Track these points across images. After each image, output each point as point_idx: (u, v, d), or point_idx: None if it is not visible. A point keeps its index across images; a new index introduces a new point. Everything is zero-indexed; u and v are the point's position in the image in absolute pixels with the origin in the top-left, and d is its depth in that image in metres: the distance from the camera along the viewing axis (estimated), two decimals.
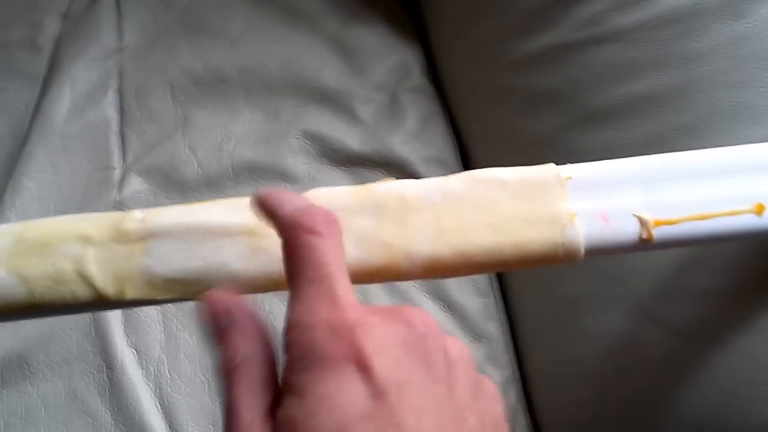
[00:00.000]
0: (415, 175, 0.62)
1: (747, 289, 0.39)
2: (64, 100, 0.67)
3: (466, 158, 0.67)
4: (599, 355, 0.47)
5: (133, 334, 0.55)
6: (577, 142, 0.49)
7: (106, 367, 0.53)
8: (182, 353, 0.54)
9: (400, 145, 0.63)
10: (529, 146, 0.54)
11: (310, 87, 0.67)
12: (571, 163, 0.31)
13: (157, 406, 0.52)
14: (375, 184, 0.30)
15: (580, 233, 0.29)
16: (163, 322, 0.56)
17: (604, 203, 0.30)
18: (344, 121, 0.65)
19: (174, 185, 0.62)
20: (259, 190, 0.25)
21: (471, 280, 0.59)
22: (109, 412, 0.52)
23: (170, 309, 0.56)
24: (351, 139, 0.64)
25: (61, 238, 0.28)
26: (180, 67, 0.69)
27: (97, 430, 0.51)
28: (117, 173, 0.63)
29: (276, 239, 0.23)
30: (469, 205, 0.29)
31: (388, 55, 0.69)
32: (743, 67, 0.41)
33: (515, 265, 0.29)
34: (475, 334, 0.57)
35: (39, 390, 0.53)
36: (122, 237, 0.28)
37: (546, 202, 0.29)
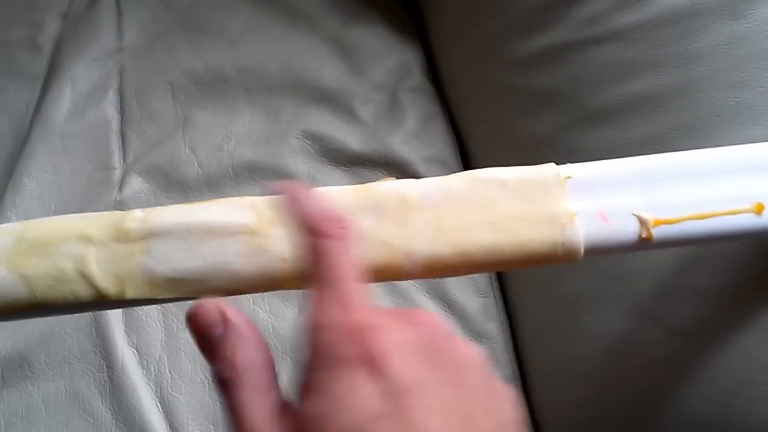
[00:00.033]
0: (415, 175, 0.62)
1: (747, 289, 0.39)
2: (64, 100, 0.67)
3: (466, 158, 0.67)
4: (599, 354, 0.47)
5: (134, 333, 0.55)
6: (577, 142, 0.49)
7: (107, 366, 0.54)
8: (183, 353, 0.55)
9: (400, 145, 0.63)
10: (529, 146, 0.54)
11: (310, 87, 0.67)
12: (571, 162, 0.31)
13: (158, 405, 0.53)
14: (375, 184, 0.30)
15: (580, 233, 0.29)
16: (164, 322, 0.56)
17: (604, 203, 0.30)
18: (344, 121, 0.65)
19: (174, 185, 0.62)
20: (276, 186, 0.25)
21: (471, 280, 0.59)
22: (109, 412, 0.52)
23: (171, 308, 0.56)
24: (351, 139, 0.64)
25: (62, 238, 0.28)
26: (180, 67, 0.69)
27: (98, 430, 0.51)
28: (117, 173, 0.63)
29: (276, 239, 0.23)
30: (469, 205, 0.29)
31: (388, 55, 0.69)
32: (743, 67, 0.41)
33: (515, 265, 0.29)
34: (475, 334, 0.57)
35: (40, 389, 0.53)
36: (123, 236, 0.28)
37: (546, 202, 0.30)
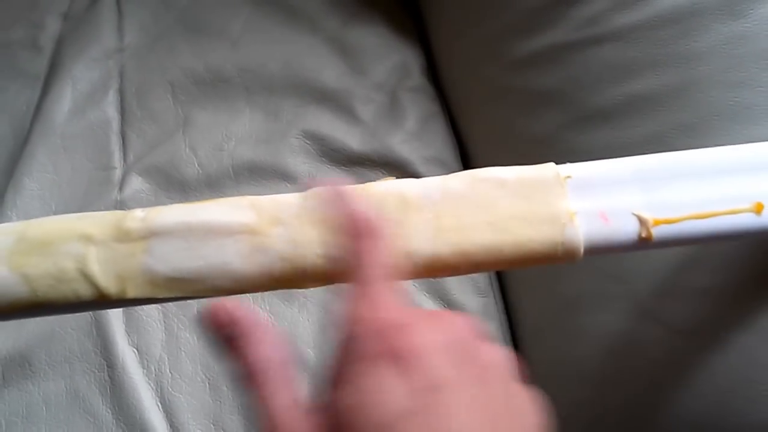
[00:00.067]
0: (415, 175, 0.62)
1: (747, 289, 0.39)
2: (65, 100, 0.67)
3: (466, 158, 0.67)
4: (599, 354, 0.47)
5: (134, 333, 0.55)
6: (577, 142, 0.49)
7: (107, 366, 0.54)
8: (183, 352, 0.55)
9: (400, 145, 0.63)
10: (529, 146, 0.54)
11: (311, 87, 0.67)
12: (571, 162, 0.31)
13: (158, 405, 0.53)
14: (375, 184, 0.30)
15: (580, 232, 0.29)
16: (164, 322, 0.56)
17: (604, 202, 0.30)
18: (344, 121, 0.65)
19: (175, 185, 0.62)
20: (316, 184, 0.26)
21: (471, 280, 0.59)
22: (110, 411, 0.52)
23: (171, 308, 0.56)
24: (351, 139, 0.64)
25: (63, 237, 0.28)
26: (180, 67, 0.69)
27: (98, 429, 0.51)
28: (118, 173, 0.63)
29: (277, 238, 0.23)
30: (469, 205, 0.29)
31: (388, 55, 0.69)
32: (742, 67, 0.41)
33: (515, 264, 0.29)
34: None
35: (40, 389, 0.53)
36: (123, 236, 0.28)
37: (545, 202, 0.30)
